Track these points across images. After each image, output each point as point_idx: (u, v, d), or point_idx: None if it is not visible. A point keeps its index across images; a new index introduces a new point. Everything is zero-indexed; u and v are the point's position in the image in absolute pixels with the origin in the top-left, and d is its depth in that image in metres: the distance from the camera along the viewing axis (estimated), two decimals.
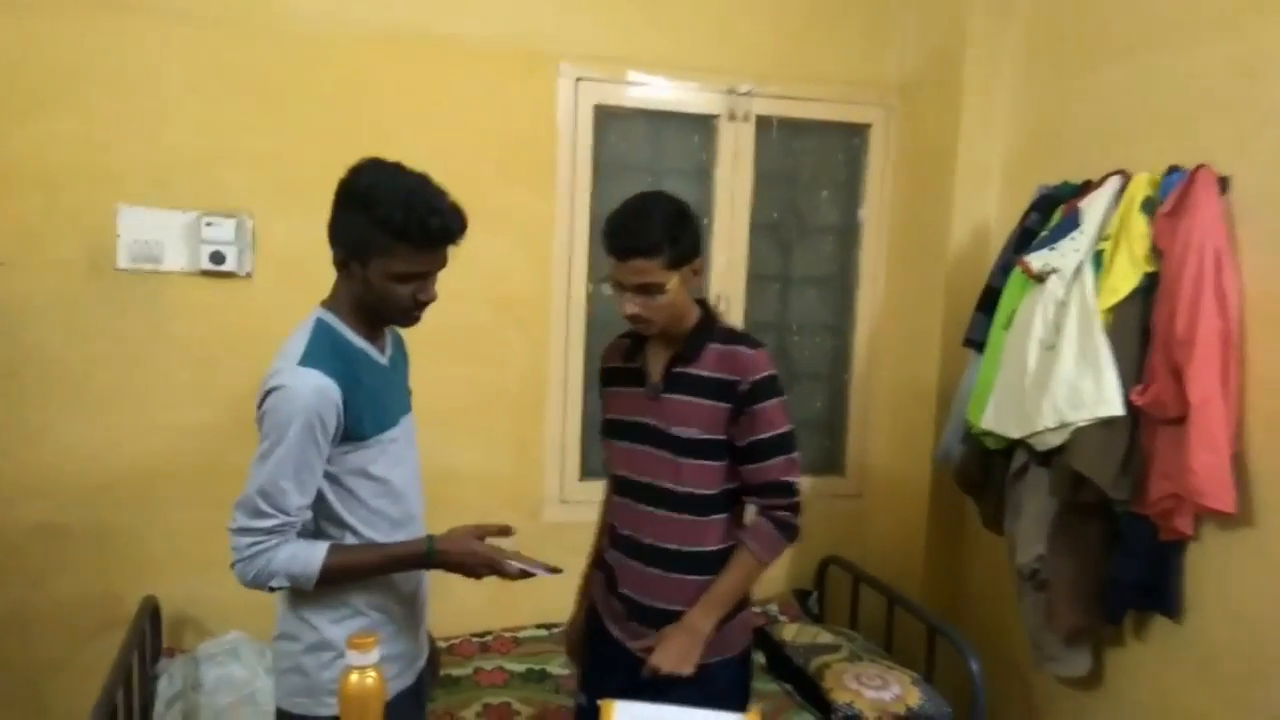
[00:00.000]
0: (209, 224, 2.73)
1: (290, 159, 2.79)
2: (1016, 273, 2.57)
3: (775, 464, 1.91)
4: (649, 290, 1.82)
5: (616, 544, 2.03)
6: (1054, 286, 2.40)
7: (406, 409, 1.89)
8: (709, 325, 1.94)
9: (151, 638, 2.70)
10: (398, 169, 1.68)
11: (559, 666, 2.83)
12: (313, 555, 1.66)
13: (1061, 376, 2.31)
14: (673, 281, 1.83)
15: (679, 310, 1.89)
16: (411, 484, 1.86)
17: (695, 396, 1.89)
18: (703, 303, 1.99)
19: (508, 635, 2.99)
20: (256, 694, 2.49)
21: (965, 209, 3.05)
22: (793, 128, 3.29)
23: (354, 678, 1.42)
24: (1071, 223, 2.44)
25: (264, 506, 1.62)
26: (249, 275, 2.81)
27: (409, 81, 2.88)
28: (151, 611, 2.69)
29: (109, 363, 2.73)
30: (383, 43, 2.84)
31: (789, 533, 1.95)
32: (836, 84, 3.26)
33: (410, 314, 1.73)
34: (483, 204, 2.90)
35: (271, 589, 1.68)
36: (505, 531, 1.83)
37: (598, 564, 2.14)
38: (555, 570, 1.78)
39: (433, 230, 1.63)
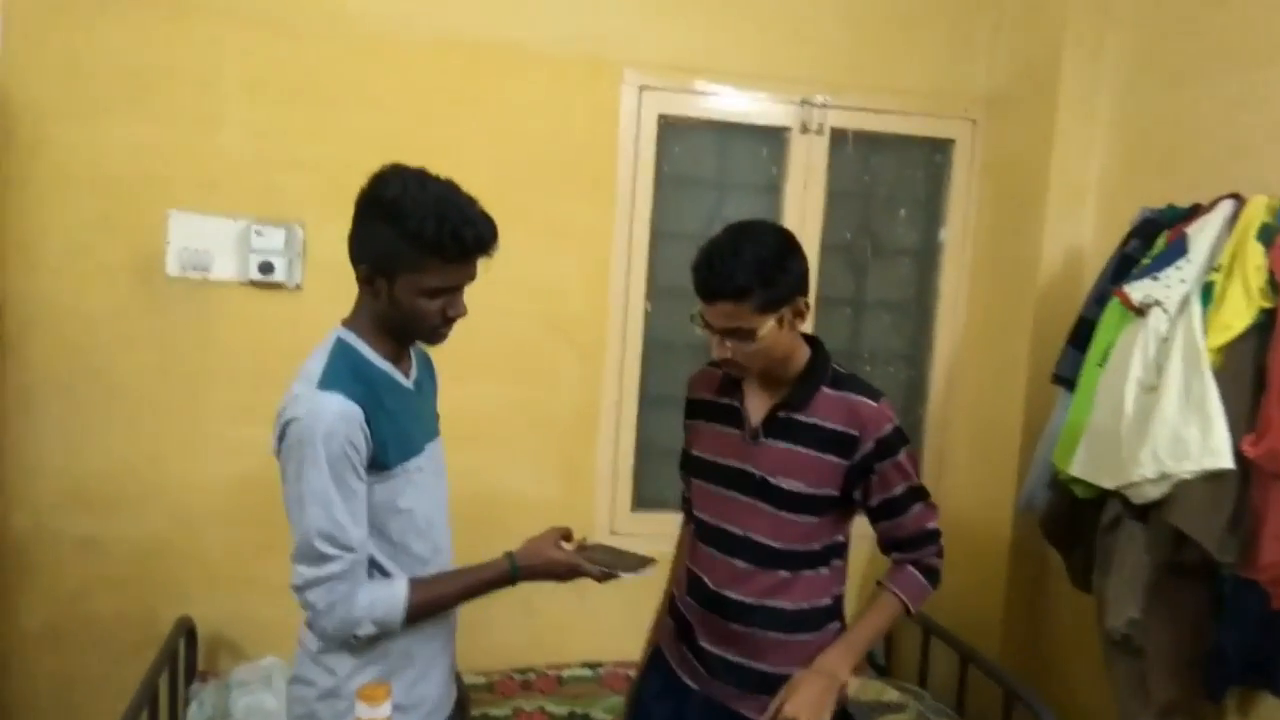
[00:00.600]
0: (258, 233, 2.66)
1: (343, 167, 2.65)
2: (1114, 304, 2.34)
3: (914, 514, 1.79)
4: (739, 335, 1.67)
5: (695, 592, 1.87)
6: (1156, 321, 2.17)
7: (433, 434, 1.77)
8: (821, 368, 1.77)
9: (187, 659, 2.64)
10: (424, 176, 1.56)
11: (603, 711, 2.67)
12: (395, 595, 1.57)
13: (1163, 422, 2.08)
14: (766, 326, 1.65)
15: (778, 353, 1.72)
16: (439, 515, 1.74)
17: (802, 446, 1.74)
18: (814, 340, 1.82)
19: (551, 673, 2.84)
20: None
21: (1057, 232, 2.81)
22: (869, 142, 3.10)
23: None
24: (1177, 250, 2.21)
25: (327, 550, 1.51)
26: (298, 286, 2.74)
27: (466, 88, 2.78)
28: (187, 632, 2.62)
29: (155, 373, 2.68)
30: (440, 48, 2.75)
31: (935, 579, 1.84)
32: (918, 95, 3.06)
33: (438, 331, 1.63)
34: (539, 217, 2.84)
35: (357, 638, 1.57)
36: (568, 534, 1.77)
37: (670, 612, 1.98)
38: (645, 564, 1.69)
39: (467, 241, 1.52)
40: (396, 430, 1.60)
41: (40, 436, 2.62)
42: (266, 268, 2.66)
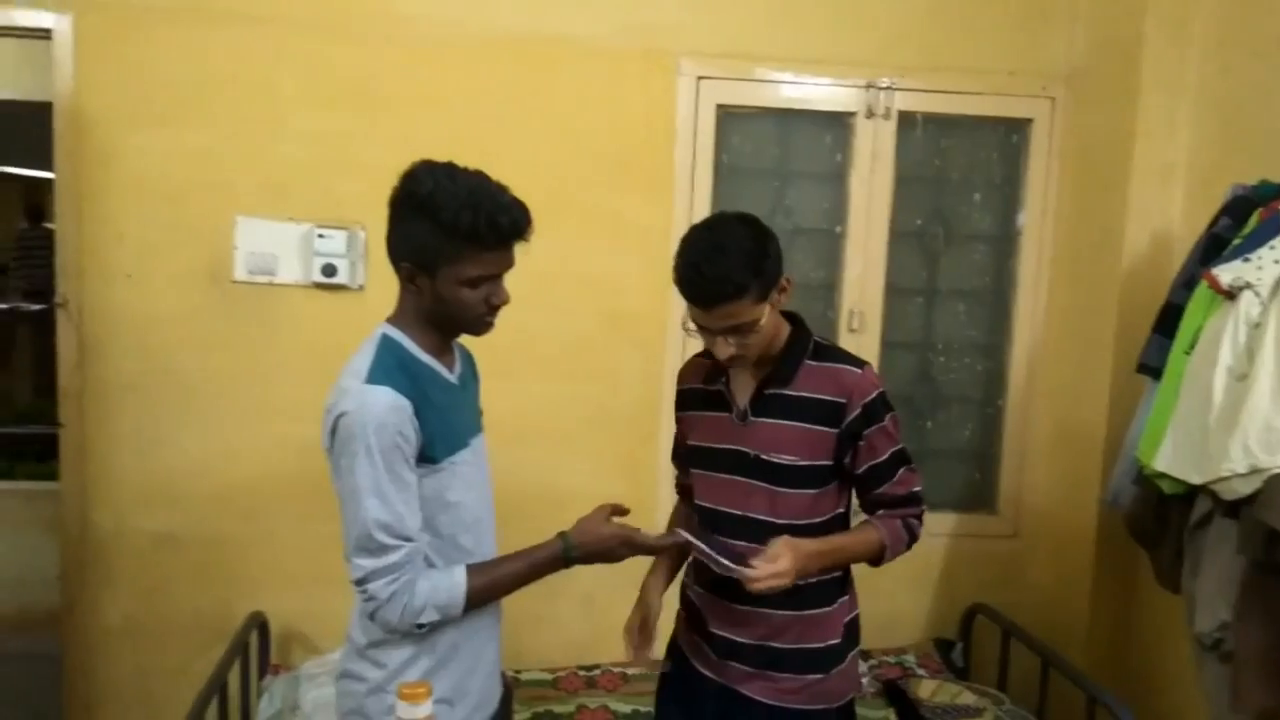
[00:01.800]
0: (321, 236, 2.70)
1: (402, 169, 2.71)
2: (1202, 287, 2.20)
3: (900, 479, 1.78)
4: (741, 330, 1.65)
5: (702, 578, 1.86)
6: (1248, 304, 2.03)
7: (477, 430, 1.77)
8: (803, 341, 1.77)
9: (260, 653, 2.70)
10: (453, 169, 1.57)
11: None
12: (455, 581, 1.59)
13: (1255, 412, 1.94)
14: (765, 313, 1.66)
15: (771, 334, 1.73)
16: (484, 510, 1.74)
17: (791, 420, 1.73)
18: (792, 316, 1.81)
19: (616, 671, 2.82)
20: None
21: (1142, 213, 2.66)
22: (941, 124, 2.98)
23: None
24: (1271, 229, 2.07)
25: (387, 540, 1.52)
26: (361, 288, 2.77)
27: (520, 86, 2.78)
28: (259, 626, 2.68)
29: (225, 375, 2.74)
30: (494, 46, 2.75)
31: (914, 538, 1.82)
32: (992, 74, 2.93)
33: (484, 320, 1.63)
34: (597, 212, 2.82)
35: (421, 626, 1.58)
36: (621, 510, 1.73)
37: (683, 603, 1.97)
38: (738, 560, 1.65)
39: (503, 228, 1.53)
40: (443, 424, 1.61)
41: (119, 437, 2.71)
42: (330, 270, 2.70)
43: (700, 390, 1.86)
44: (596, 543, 1.65)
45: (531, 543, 1.75)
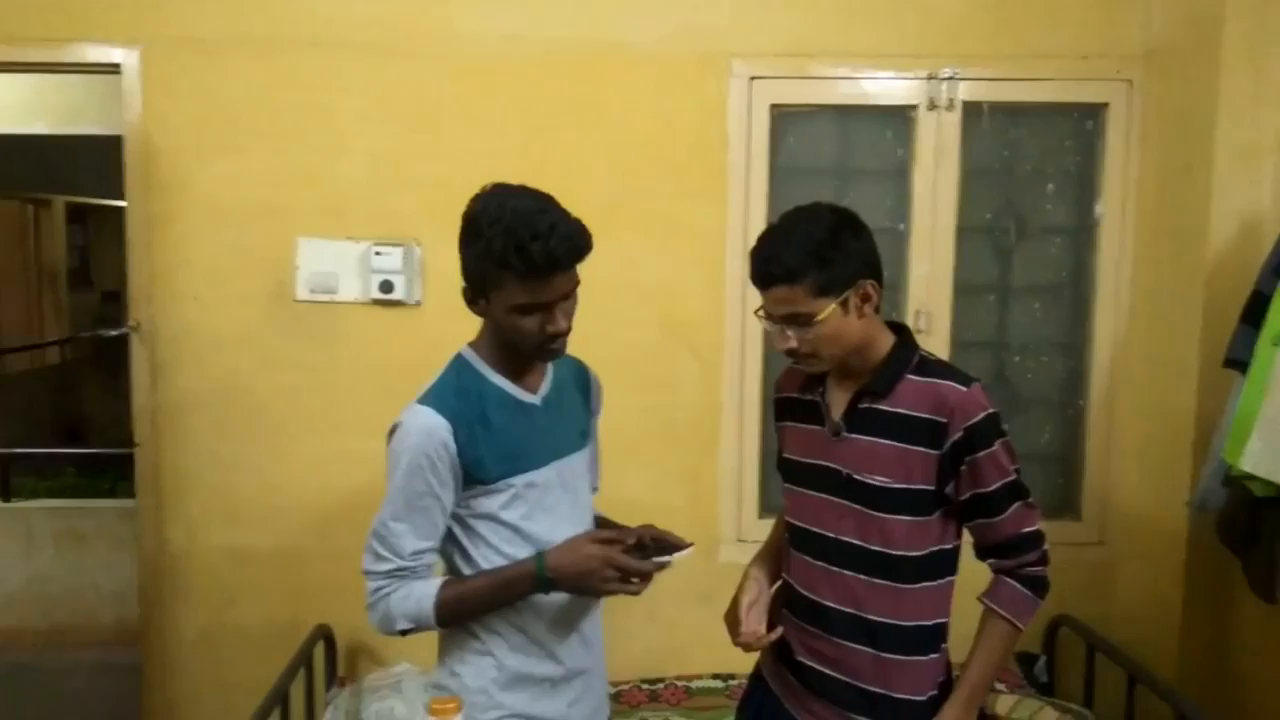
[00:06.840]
0: (378, 253, 2.74)
1: (456, 183, 2.67)
2: None
3: (1011, 515, 1.62)
4: (798, 322, 1.57)
5: (791, 604, 1.76)
6: None
7: (567, 451, 1.70)
8: (906, 355, 1.65)
9: (327, 665, 2.74)
10: (512, 193, 1.55)
11: None
12: (425, 593, 1.59)
13: None
14: (826, 311, 1.55)
15: (849, 342, 1.61)
16: (563, 532, 1.65)
17: (887, 438, 1.61)
18: (898, 327, 1.70)
19: (680, 684, 2.77)
20: None
21: (1228, 199, 2.50)
22: (1009, 113, 2.85)
23: None
24: None
25: (380, 549, 1.59)
26: (419, 303, 2.80)
27: (573, 97, 2.77)
28: (325, 638, 2.72)
29: (290, 392, 2.81)
30: (548, 58, 2.75)
31: (1041, 589, 1.66)
32: (1062, 59, 2.79)
33: (544, 348, 1.59)
34: (652, 218, 2.79)
35: (401, 633, 1.62)
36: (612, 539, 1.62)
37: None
38: (682, 548, 1.63)
39: (534, 257, 1.47)
40: (500, 444, 1.59)
41: (191, 455, 2.79)
42: (387, 286, 2.74)
43: (796, 399, 1.76)
44: (575, 562, 1.57)
45: None
